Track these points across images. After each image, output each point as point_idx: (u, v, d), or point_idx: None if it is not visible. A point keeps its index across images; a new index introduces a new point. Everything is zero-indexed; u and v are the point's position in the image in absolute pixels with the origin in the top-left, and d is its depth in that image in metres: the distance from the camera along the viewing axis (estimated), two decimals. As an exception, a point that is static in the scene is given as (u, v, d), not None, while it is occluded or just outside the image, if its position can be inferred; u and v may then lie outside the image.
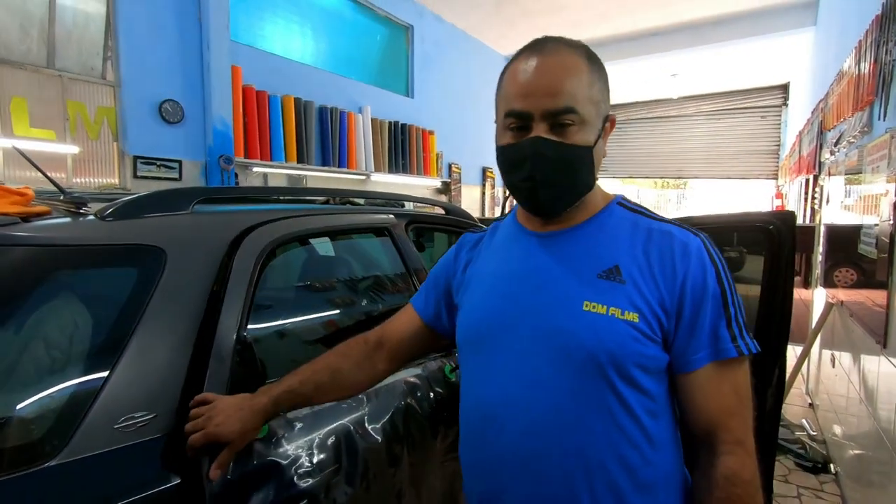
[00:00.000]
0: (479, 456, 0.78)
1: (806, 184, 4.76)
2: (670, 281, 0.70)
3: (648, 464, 0.69)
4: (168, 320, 0.94)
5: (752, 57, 7.11)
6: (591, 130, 0.73)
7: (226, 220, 1.16)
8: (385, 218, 1.58)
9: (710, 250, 0.72)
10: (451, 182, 6.57)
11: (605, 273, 0.71)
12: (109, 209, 1.00)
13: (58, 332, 0.89)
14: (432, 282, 0.98)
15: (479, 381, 0.79)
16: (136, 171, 3.35)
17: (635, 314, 0.68)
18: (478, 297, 0.83)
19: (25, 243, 0.88)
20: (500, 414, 0.74)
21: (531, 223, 0.82)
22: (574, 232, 0.77)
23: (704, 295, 0.69)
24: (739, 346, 0.69)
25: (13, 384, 0.83)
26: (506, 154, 0.76)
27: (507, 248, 0.84)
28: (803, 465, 2.78)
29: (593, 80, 0.72)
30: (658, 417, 0.71)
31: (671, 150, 9.99)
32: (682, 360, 0.70)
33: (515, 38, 7.04)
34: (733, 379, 0.70)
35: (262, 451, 0.97)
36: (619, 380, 0.68)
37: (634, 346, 0.68)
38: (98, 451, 0.80)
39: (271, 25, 4.47)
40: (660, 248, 0.72)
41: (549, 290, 0.74)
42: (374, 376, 0.98)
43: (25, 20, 2.92)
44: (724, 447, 0.69)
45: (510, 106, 0.73)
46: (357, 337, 0.99)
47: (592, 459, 0.68)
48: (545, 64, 0.70)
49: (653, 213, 0.79)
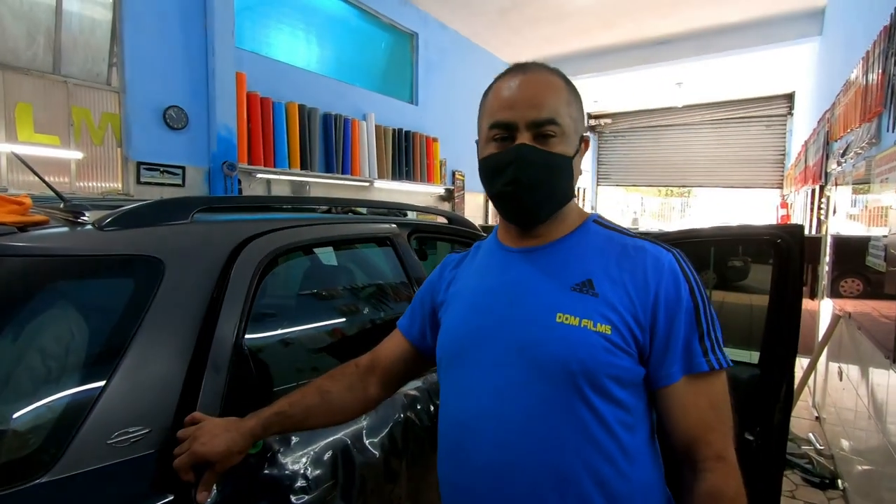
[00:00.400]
0: (455, 470, 0.78)
1: (812, 194, 4.73)
2: (643, 294, 0.70)
3: (623, 477, 0.69)
4: (164, 332, 0.92)
5: (757, 66, 7.11)
6: (571, 144, 0.76)
7: (226, 230, 1.14)
8: (387, 228, 1.57)
9: (683, 265, 0.74)
10: (455, 189, 6.57)
11: (579, 286, 0.73)
12: (108, 219, 0.99)
13: (53, 344, 0.88)
14: (418, 303, 0.98)
15: (455, 395, 0.79)
16: (140, 176, 3.36)
17: (608, 326, 0.69)
18: (456, 314, 0.84)
19: (21, 254, 0.86)
20: (474, 427, 0.74)
21: (510, 239, 0.84)
22: (550, 247, 0.79)
23: (678, 309, 0.70)
24: (711, 360, 0.70)
25: (7, 396, 0.81)
26: (489, 162, 0.78)
27: (486, 264, 0.86)
28: (810, 480, 2.74)
29: (571, 100, 0.77)
30: (634, 431, 0.71)
31: (675, 159, 9.99)
32: (658, 374, 0.71)
33: (520, 45, 7.06)
34: (709, 393, 0.71)
35: (256, 466, 0.95)
36: (592, 391, 0.68)
37: (606, 357, 0.68)
38: (91, 468, 0.78)
39: (276, 32, 4.49)
40: (633, 262, 0.73)
41: (524, 304, 0.75)
42: (366, 400, 0.96)
43: (32, 26, 2.94)
44: (705, 463, 0.69)
45: (495, 118, 0.76)
46: (349, 362, 0.98)
47: (564, 472, 0.68)
48: (528, 80, 0.75)
49: (627, 231, 0.81)
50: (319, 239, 1.35)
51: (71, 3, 3.08)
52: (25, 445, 0.79)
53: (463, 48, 6.77)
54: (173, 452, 0.82)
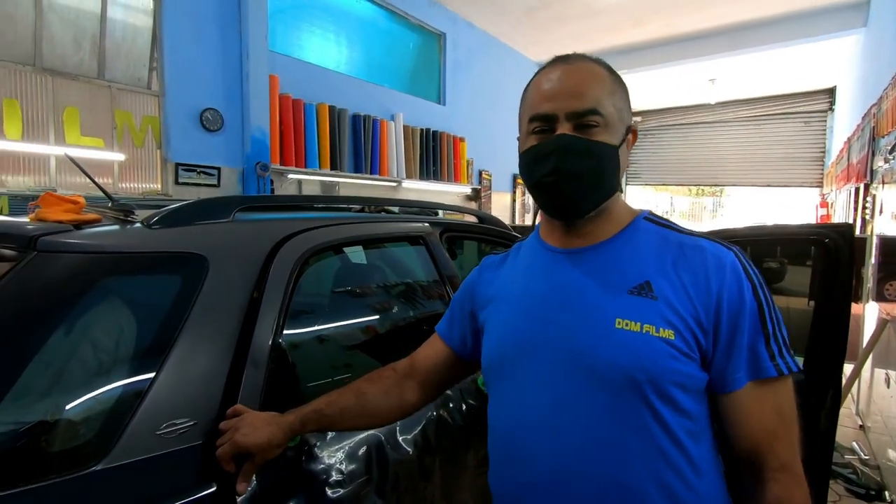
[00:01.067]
0: (509, 483, 0.75)
1: (856, 192, 4.54)
2: (704, 297, 0.67)
3: (691, 490, 0.65)
4: (209, 327, 0.95)
5: (795, 60, 6.86)
6: (615, 134, 0.72)
7: (265, 228, 1.17)
8: (420, 227, 1.58)
9: (745, 264, 0.69)
10: (482, 189, 6.55)
11: (636, 289, 0.69)
12: (155, 217, 1.03)
13: (105, 338, 0.92)
14: (457, 307, 0.95)
15: (506, 405, 0.77)
16: (178, 177, 3.47)
17: (671, 331, 0.65)
18: (501, 320, 0.81)
19: (78, 250, 0.90)
20: (529, 438, 0.72)
21: (555, 239, 0.80)
22: (600, 248, 0.75)
23: (741, 311, 0.66)
24: (779, 364, 0.66)
25: (63, 388, 0.85)
26: (529, 154, 0.75)
27: (530, 267, 0.82)
28: (855, 491, 2.62)
29: (615, 89, 0.74)
30: (699, 440, 0.68)
31: (707, 157, 9.73)
32: (722, 379, 0.67)
33: (548, 43, 6.99)
34: (775, 400, 0.67)
35: (293, 460, 0.97)
36: (658, 400, 0.65)
37: (672, 363, 0.65)
38: (141, 457, 0.81)
39: (308, 35, 4.57)
40: (691, 262, 0.69)
41: (576, 309, 0.71)
42: (403, 405, 0.94)
43: (79, 33, 3.07)
44: (769, 474, 0.66)
45: (535, 111, 0.74)
46: (387, 365, 0.97)
47: (630, 485, 0.65)
48: (569, 70, 0.72)
49: (681, 228, 0.76)
50: (354, 237, 1.37)
51: (115, 11, 3.21)
52: (81, 435, 0.82)
53: (491, 48, 6.75)
54: (216, 443, 0.84)
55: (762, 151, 9.07)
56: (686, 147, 9.91)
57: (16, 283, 0.83)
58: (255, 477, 0.88)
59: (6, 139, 2.80)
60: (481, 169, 6.61)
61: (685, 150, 9.93)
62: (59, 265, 0.88)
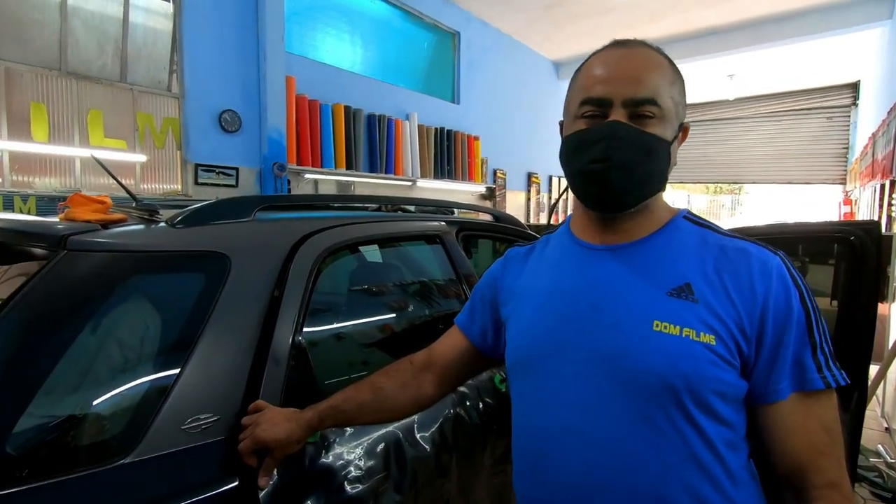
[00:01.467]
0: (535, 490, 0.73)
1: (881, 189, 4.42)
2: (749, 303, 0.63)
3: (729, 502, 0.63)
4: (231, 324, 0.97)
5: (817, 54, 6.70)
6: (670, 129, 0.68)
7: (285, 227, 1.19)
8: (436, 225, 1.58)
9: (792, 270, 0.66)
10: (496, 188, 6.54)
11: (676, 291, 0.65)
12: (179, 217, 1.05)
13: (131, 334, 0.94)
14: (478, 299, 0.92)
15: (531, 407, 0.74)
16: (198, 178, 3.53)
17: (712, 336, 0.62)
18: (527, 316, 0.77)
19: (106, 249, 0.93)
20: (556, 445, 0.69)
21: (588, 234, 0.75)
22: (637, 245, 0.71)
23: (788, 319, 0.63)
24: (826, 376, 0.62)
25: (92, 383, 0.87)
26: (576, 138, 0.69)
27: (560, 262, 0.78)
28: (881, 495, 2.56)
29: (674, 80, 0.69)
30: (738, 450, 0.65)
31: (726, 154, 9.56)
32: (763, 390, 0.64)
33: (562, 41, 6.94)
34: (821, 413, 0.63)
35: (313, 455, 0.98)
36: (695, 407, 0.61)
37: (713, 370, 0.61)
38: (167, 451, 0.83)
39: (323, 36, 4.61)
40: (735, 266, 0.65)
41: (610, 309, 0.67)
42: (420, 399, 0.92)
43: (102, 38, 3.14)
44: (816, 492, 0.61)
45: (587, 93, 0.68)
46: (404, 358, 0.95)
47: (664, 496, 0.62)
48: (628, 54, 0.68)
49: (722, 229, 0.72)
50: (372, 236, 1.38)
51: (136, 15, 3.27)
52: (110, 429, 0.85)
53: (505, 46, 6.73)
54: (238, 438, 0.86)
55: (783, 148, 8.88)
56: (704, 144, 9.75)
57: (47, 281, 0.86)
58: (277, 472, 0.90)
59: (34, 142, 2.88)
60: (496, 168, 6.59)
61: (703, 148, 9.77)
62: (88, 263, 0.91)
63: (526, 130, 7.19)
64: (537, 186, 7.57)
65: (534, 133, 7.36)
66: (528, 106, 7.26)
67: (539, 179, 7.58)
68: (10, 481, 0.71)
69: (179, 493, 0.82)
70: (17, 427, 0.75)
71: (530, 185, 7.45)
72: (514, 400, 0.79)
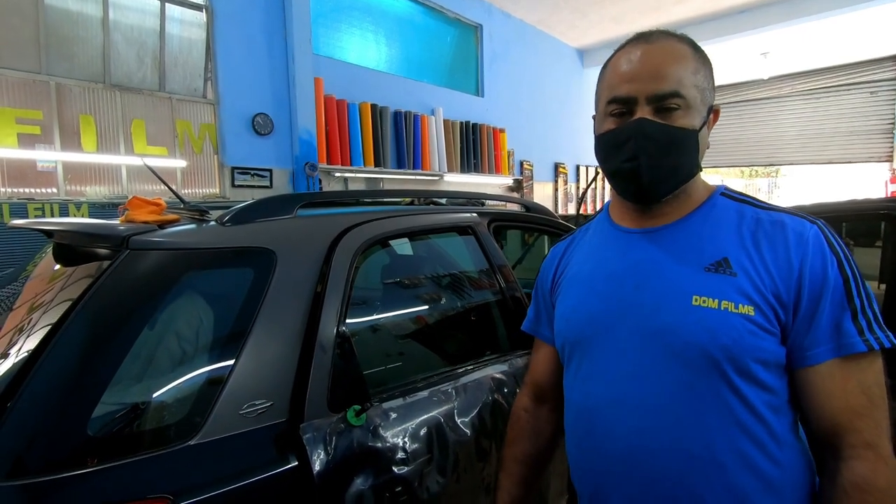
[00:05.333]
0: (587, 455, 0.78)
1: (931, 165, 4.19)
2: (785, 272, 0.65)
3: (775, 463, 0.65)
4: (280, 315, 1.03)
5: (857, 27, 6.37)
6: (697, 116, 0.70)
7: (325, 223, 1.24)
8: (468, 217, 1.61)
9: (830, 237, 0.67)
10: (523, 179, 6.51)
11: (714, 266, 0.68)
12: (227, 215, 1.11)
13: (188, 327, 1.01)
14: (541, 304, 0.95)
15: (583, 381, 0.78)
16: (234, 180, 3.66)
17: (750, 307, 0.64)
18: (574, 300, 0.81)
19: (164, 247, 1.00)
20: (607, 414, 0.73)
21: (627, 219, 0.79)
22: (676, 226, 0.74)
23: (825, 285, 0.64)
24: (868, 339, 0.63)
25: (156, 373, 0.94)
26: (606, 138, 0.74)
27: (601, 247, 0.82)
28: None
29: (698, 67, 0.71)
30: (781, 413, 0.67)
31: (761, 136, 9.22)
32: (800, 354, 0.66)
33: (586, 28, 6.83)
34: (860, 376, 0.64)
35: (361, 437, 1.03)
36: (737, 375, 0.65)
37: (752, 340, 0.64)
38: (228, 434, 0.89)
39: (348, 36, 4.68)
40: (771, 238, 0.67)
41: (652, 287, 0.71)
42: (556, 430, 0.94)
43: (141, 50, 3.29)
44: (851, 451, 0.63)
45: (613, 93, 0.72)
46: (514, 412, 0.97)
47: (710, 459, 0.65)
48: (649, 50, 0.70)
49: (760, 202, 0.74)
50: (407, 229, 1.42)
51: (172, 27, 3.41)
52: (175, 415, 0.91)
53: (527, 36, 6.67)
54: None
55: (822, 126, 8.50)
56: (738, 126, 9.43)
57: (113, 279, 0.93)
58: (328, 453, 0.95)
59: (84, 152, 3.04)
60: (522, 159, 6.56)
61: (737, 130, 9.45)
62: (149, 261, 0.98)
63: (551, 120, 7.12)
64: (564, 177, 7.49)
65: (559, 123, 7.28)
66: (553, 96, 7.19)
67: (566, 169, 7.49)
68: (92, 461, 0.79)
69: (243, 473, 0.88)
70: (96, 412, 0.83)
71: (557, 175, 7.38)
72: (565, 378, 0.84)
